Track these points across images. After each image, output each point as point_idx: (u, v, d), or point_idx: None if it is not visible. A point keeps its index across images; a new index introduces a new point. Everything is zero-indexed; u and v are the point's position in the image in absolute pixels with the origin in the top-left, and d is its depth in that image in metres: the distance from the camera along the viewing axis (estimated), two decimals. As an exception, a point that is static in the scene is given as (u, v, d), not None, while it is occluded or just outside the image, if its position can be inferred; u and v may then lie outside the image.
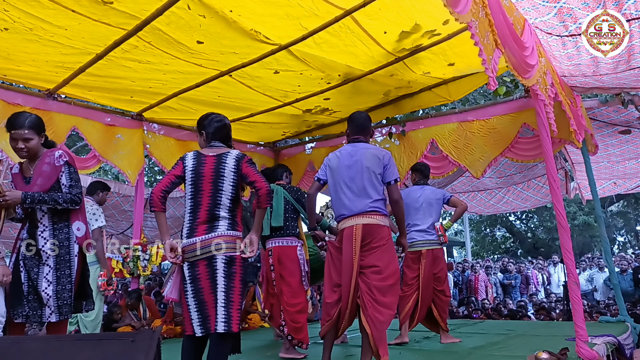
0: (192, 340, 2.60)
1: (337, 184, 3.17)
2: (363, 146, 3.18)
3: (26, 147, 2.81)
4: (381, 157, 3.09)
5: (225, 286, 2.56)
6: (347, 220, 3.06)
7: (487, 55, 2.49)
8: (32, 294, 2.76)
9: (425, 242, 4.29)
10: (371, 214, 3.02)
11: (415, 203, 4.33)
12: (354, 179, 3.08)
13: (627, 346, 4.20)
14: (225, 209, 2.65)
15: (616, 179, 7.49)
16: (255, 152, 6.87)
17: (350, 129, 3.30)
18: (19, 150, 2.83)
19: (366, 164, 3.07)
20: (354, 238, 2.99)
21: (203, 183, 2.66)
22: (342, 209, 3.11)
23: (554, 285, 10.80)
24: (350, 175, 3.10)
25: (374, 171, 3.06)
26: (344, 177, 3.12)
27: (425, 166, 4.68)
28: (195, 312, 2.57)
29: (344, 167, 3.15)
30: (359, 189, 3.06)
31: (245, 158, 2.72)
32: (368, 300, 2.91)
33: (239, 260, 2.62)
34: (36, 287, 2.75)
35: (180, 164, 2.75)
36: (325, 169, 3.33)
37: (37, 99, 4.44)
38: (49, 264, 2.78)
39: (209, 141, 2.80)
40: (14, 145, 2.83)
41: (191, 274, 2.61)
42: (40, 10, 3.19)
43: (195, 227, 2.63)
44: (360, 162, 3.09)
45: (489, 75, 2.54)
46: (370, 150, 3.14)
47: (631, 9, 3.04)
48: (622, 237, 22.49)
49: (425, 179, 4.56)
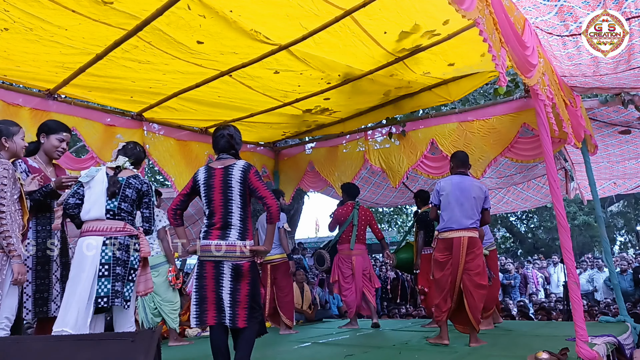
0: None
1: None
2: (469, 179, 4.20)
3: (65, 149, 3.28)
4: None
5: (231, 288, 2.89)
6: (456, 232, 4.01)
7: (497, 51, 2.49)
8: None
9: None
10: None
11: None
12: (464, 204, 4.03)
13: (627, 346, 4.20)
14: (236, 216, 2.95)
15: (616, 179, 7.48)
16: (255, 152, 6.86)
17: (454, 163, 4.27)
18: (60, 151, 3.27)
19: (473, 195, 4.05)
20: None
21: (214, 194, 2.97)
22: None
23: (553, 285, 10.79)
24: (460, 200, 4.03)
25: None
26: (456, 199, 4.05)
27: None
28: (194, 305, 2.92)
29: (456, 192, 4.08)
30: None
31: (252, 169, 2.98)
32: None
33: (246, 266, 2.93)
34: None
35: (191, 180, 3.10)
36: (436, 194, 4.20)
37: (37, 99, 4.43)
38: (57, 262, 3.14)
39: (217, 154, 3.12)
40: (59, 146, 3.24)
41: (199, 272, 2.96)
42: (40, 10, 3.19)
43: (210, 232, 2.96)
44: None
45: (500, 71, 2.54)
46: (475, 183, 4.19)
47: (631, 7, 3.04)
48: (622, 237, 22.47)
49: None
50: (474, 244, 3.95)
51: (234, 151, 3.09)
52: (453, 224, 3.99)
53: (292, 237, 10.31)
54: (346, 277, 5.57)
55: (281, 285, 5.50)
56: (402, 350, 4.00)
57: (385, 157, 6.02)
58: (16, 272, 2.67)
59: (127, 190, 3.11)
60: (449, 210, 4.02)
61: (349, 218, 5.63)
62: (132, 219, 3.14)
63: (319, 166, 6.64)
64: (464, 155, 4.32)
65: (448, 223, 4.01)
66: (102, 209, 3.01)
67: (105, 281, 2.90)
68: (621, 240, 22.45)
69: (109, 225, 3.01)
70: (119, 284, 2.95)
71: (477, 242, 3.99)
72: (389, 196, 7.65)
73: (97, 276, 2.90)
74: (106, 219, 3.02)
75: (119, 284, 2.95)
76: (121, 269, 2.97)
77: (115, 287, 2.93)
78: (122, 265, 2.98)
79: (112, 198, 3.05)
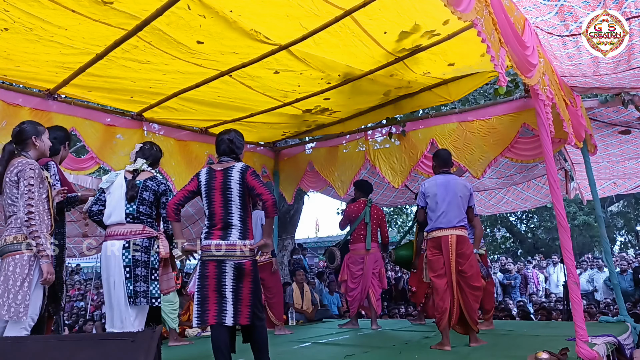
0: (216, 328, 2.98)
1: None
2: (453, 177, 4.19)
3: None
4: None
5: (234, 287, 2.95)
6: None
7: (495, 51, 2.49)
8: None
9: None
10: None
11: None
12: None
13: (627, 346, 4.20)
14: (236, 217, 3.03)
15: (616, 179, 7.48)
16: (255, 152, 6.86)
17: (437, 162, 4.28)
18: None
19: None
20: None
21: (214, 195, 3.05)
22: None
23: (552, 285, 10.79)
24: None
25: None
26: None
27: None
28: (196, 304, 2.97)
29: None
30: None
31: (249, 170, 3.07)
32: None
33: (248, 265, 3.00)
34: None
35: (195, 179, 3.15)
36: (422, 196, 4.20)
37: (37, 99, 4.43)
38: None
39: (218, 157, 3.20)
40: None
41: (201, 271, 3.01)
42: (40, 10, 3.19)
43: (212, 232, 3.04)
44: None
45: (499, 71, 2.55)
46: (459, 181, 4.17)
47: (631, 7, 3.04)
48: (622, 237, 22.46)
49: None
50: (462, 242, 3.95)
51: (235, 155, 3.19)
52: (441, 224, 4.00)
53: (292, 237, 10.30)
54: (355, 277, 5.45)
55: (269, 285, 5.41)
56: (402, 350, 4.01)
57: (385, 157, 6.02)
58: (45, 272, 2.73)
59: (144, 194, 3.24)
60: (436, 210, 4.04)
61: (360, 216, 5.49)
62: (151, 221, 3.27)
63: (319, 166, 6.63)
64: (447, 153, 4.36)
65: (436, 223, 4.03)
66: (122, 213, 3.16)
67: (127, 282, 3.07)
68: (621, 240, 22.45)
69: (129, 229, 3.15)
70: (139, 284, 3.09)
71: (465, 240, 3.98)
72: (389, 196, 7.66)
73: (124, 278, 3.07)
74: (126, 223, 3.16)
75: (141, 285, 3.09)
76: (142, 270, 3.10)
77: (136, 287, 3.07)
78: (142, 266, 3.11)
79: (131, 202, 3.19)
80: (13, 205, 2.81)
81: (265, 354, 3.04)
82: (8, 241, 2.75)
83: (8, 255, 2.73)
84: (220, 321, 2.92)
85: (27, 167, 2.78)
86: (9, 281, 2.66)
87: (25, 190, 2.74)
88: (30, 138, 2.92)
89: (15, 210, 2.80)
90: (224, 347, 2.90)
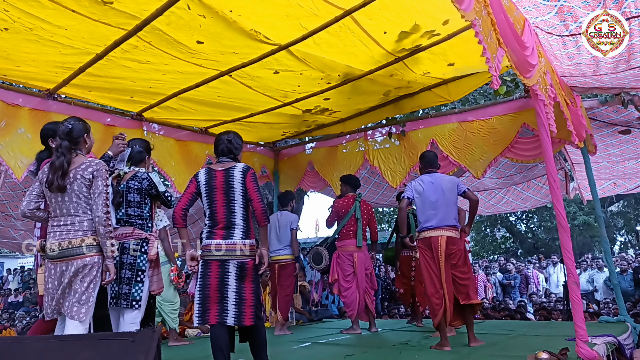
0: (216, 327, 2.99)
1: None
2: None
3: None
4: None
5: (237, 287, 2.96)
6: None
7: (491, 53, 2.49)
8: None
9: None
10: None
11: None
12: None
13: (627, 346, 4.20)
14: (239, 216, 3.05)
15: (616, 179, 7.48)
16: (255, 152, 6.86)
17: (422, 164, 4.36)
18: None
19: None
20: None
21: (216, 194, 3.08)
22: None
23: (552, 285, 10.79)
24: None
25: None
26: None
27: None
28: (197, 304, 2.98)
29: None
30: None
31: (250, 171, 3.12)
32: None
33: (250, 265, 3.01)
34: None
35: (194, 181, 3.17)
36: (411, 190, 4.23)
37: (37, 99, 4.43)
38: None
39: (217, 158, 3.24)
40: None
41: (203, 271, 3.02)
42: (40, 10, 3.19)
43: (214, 232, 3.05)
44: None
45: (493, 73, 2.54)
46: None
47: (631, 7, 3.04)
48: (622, 237, 22.47)
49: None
50: (452, 242, 3.97)
51: (233, 155, 3.23)
52: (431, 224, 4.05)
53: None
54: (347, 275, 5.11)
55: (284, 284, 5.45)
56: (402, 350, 4.01)
57: (385, 157, 6.02)
58: (112, 273, 2.75)
59: (129, 196, 3.31)
60: (425, 210, 4.09)
61: (350, 211, 5.18)
62: (142, 222, 3.30)
63: (319, 166, 6.63)
64: (432, 155, 4.39)
65: (425, 223, 4.08)
66: (113, 219, 3.19)
67: (114, 284, 3.09)
68: (621, 240, 22.47)
69: (120, 232, 3.20)
70: (123, 286, 3.11)
71: (455, 241, 4.00)
72: (389, 196, 7.65)
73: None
74: (119, 227, 3.22)
75: (124, 287, 3.11)
76: (126, 272, 3.13)
77: (121, 289, 3.11)
78: (127, 268, 3.14)
79: (118, 208, 3.26)
80: (77, 204, 2.72)
81: (264, 353, 3.05)
82: (74, 244, 2.67)
83: (76, 258, 2.66)
84: (221, 321, 2.94)
85: (103, 167, 2.80)
86: (76, 282, 2.66)
87: (103, 190, 2.74)
88: (83, 136, 2.87)
89: (79, 210, 2.72)
90: (224, 347, 2.91)
